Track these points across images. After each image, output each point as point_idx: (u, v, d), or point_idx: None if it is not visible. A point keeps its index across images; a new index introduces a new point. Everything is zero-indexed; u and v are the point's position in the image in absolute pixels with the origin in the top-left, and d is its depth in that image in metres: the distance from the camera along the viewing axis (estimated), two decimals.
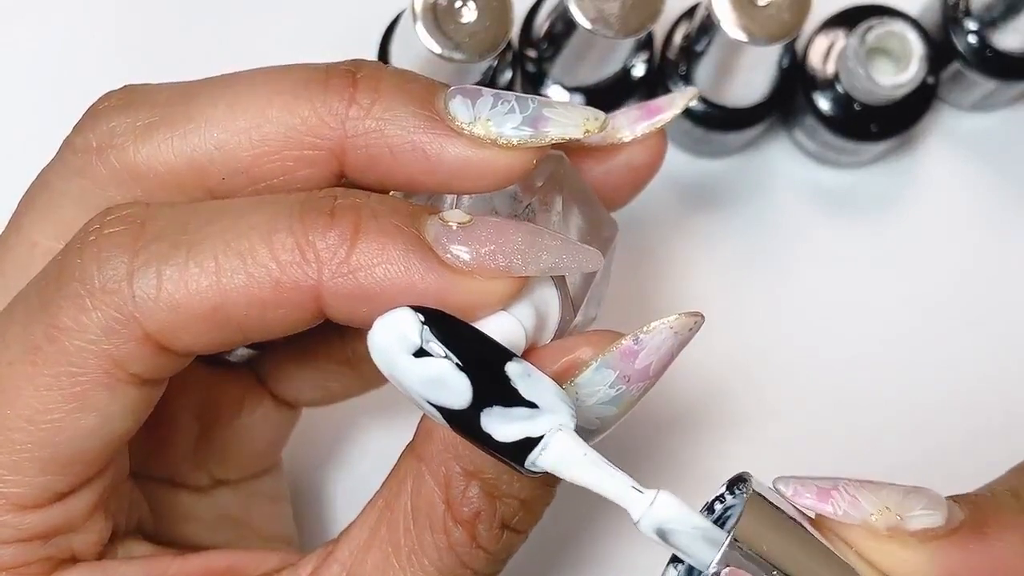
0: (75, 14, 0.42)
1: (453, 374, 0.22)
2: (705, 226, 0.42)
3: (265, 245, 0.24)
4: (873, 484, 0.24)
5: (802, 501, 0.24)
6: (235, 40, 0.41)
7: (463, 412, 0.22)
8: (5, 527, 0.26)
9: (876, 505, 0.24)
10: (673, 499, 0.23)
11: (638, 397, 0.25)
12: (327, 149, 0.26)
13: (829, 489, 0.24)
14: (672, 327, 0.25)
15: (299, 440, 0.35)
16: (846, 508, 0.24)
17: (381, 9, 0.39)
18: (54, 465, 0.25)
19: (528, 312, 0.25)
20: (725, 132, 0.40)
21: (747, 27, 0.36)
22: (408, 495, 0.26)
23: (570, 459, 0.23)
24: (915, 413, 0.41)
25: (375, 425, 0.40)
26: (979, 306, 0.42)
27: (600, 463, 0.23)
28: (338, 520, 0.39)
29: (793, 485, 0.24)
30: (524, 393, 0.23)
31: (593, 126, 0.26)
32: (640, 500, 0.23)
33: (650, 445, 0.40)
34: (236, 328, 0.25)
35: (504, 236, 0.24)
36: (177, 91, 0.27)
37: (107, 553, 0.28)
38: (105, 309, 0.24)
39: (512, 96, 0.26)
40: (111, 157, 0.26)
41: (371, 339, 0.22)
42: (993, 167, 0.43)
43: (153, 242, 0.24)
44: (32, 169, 0.28)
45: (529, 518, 0.26)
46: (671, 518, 0.23)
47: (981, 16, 0.40)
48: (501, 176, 0.26)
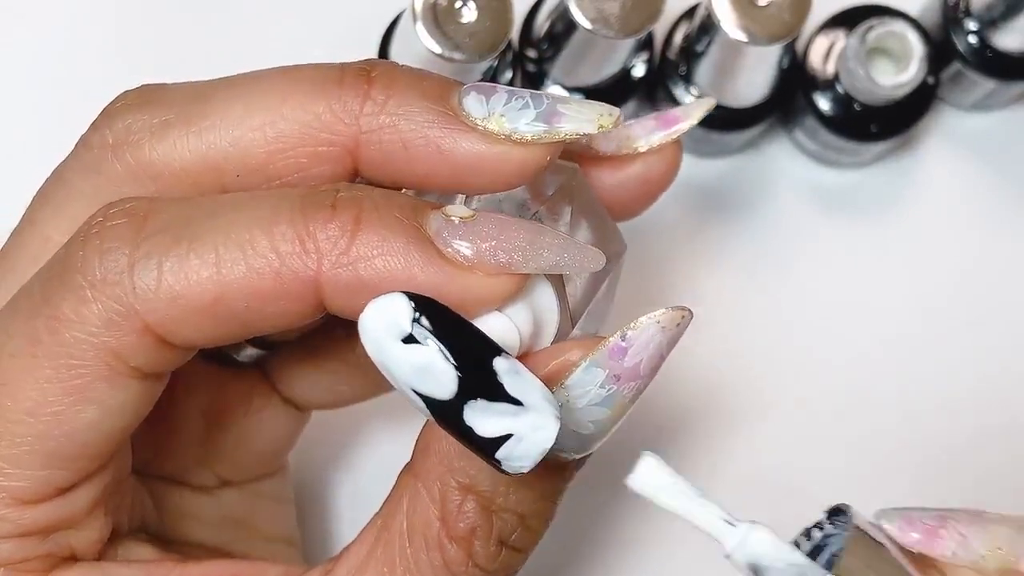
0: (75, 14, 0.42)
1: (440, 363, 0.22)
2: (705, 226, 0.42)
3: (266, 236, 0.24)
4: (984, 519, 0.23)
5: (908, 540, 0.23)
6: (235, 40, 0.41)
7: (447, 403, 0.22)
8: (4, 521, 0.25)
9: (988, 545, 0.23)
10: (768, 534, 0.23)
11: (631, 399, 0.25)
12: (341, 146, 0.26)
13: (936, 527, 0.23)
14: (659, 322, 0.24)
15: (305, 443, 0.35)
16: (955, 549, 0.23)
17: (381, 9, 0.39)
18: (55, 459, 0.25)
19: (525, 317, 0.25)
20: (725, 132, 0.40)
21: (747, 27, 0.36)
22: (404, 514, 0.26)
23: (659, 484, 0.23)
24: (915, 413, 0.41)
25: (382, 430, 0.40)
26: (979, 306, 0.42)
27: (689, 493, 0.23)
28: (342, 523, 0.39)
29: (898, 522, 0.23)
30: (510, 389, 0.23)
31: (607, 122, 0.26)
32: (733, 533, 0.23)
33: (651, 444, 0.40)
34: (237, 321, 0.25)
35: (506, 232, 0.24)
36: (193, 90, 0.27)
37: (107, 553, 0.28)
38: (106, 301, 0.24)
39: (526, 92, 0.26)
40: (127, 155, 0.26)
41: (362, 322, 0.22)
42: (993, 167, 0.43)
43: (155, 234, 0.24)
44: (32, 167, 0.28)
45: (528, 535, 0.26)
46: (766, 554, 0.23)
47: (981, 16, 0.40)
48: (515, 172, 0.26)
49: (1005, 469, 0.40)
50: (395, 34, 0.39)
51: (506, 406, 0.23)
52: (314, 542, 0.39)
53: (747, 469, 0.40)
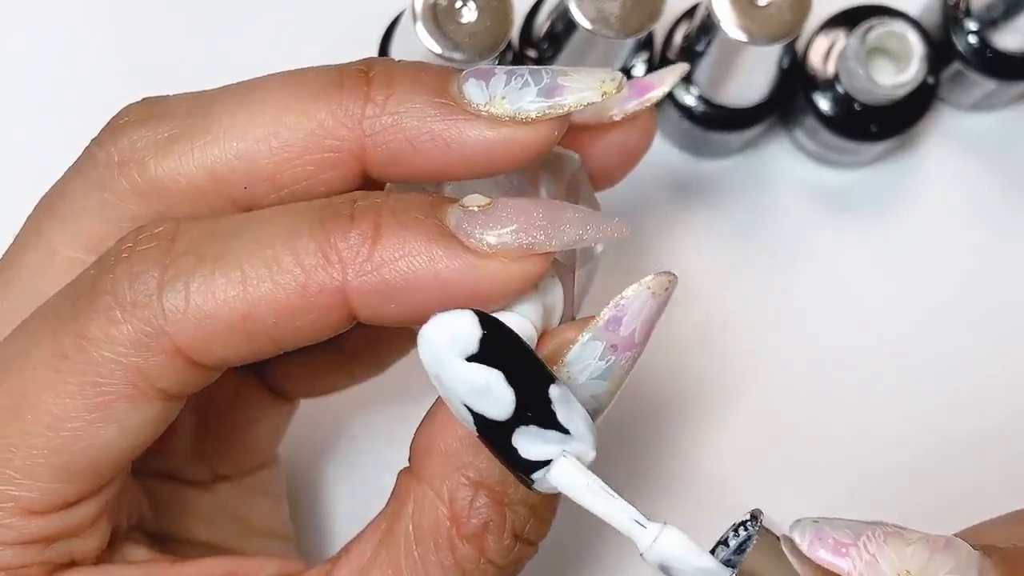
0: (75, 14, 0.42)
1: (501, 386, 0.22)
2: (705, 226, 0.42)
3: (289, 251, 0.24)
4: (901, 538, 0.23)
5: (815, 556, 0.23)
6: (235, 40, 0.41)
7: (499, 423, 0.23)
8: (10, 529, 0.26)
9: (896, 567, 0.22)
10: (678, 536, 0.23)
11: (627, 368, 0.25)
12: (347, 151, 0.26)
13: (848, 544, 0.23)
14: (650, 287, 0.25)
15: (297, 438, 0.35)
16: (862, 569, 0.22)
17: (381, 9, 0.39)
18: (67, 473, 0.25)
19: (537, 312, 0.25)
20: (725, 132, 0.40)
21: (747, 27, 0.36)
22: (409, 516, 0.26)
23: (575, 484, 0.23)
24: (915, 412, 0.41)
25: (373, 421, 0.40)
26: (979, 306, 0.42)
27: (601, 492, 0.23)
28: (336, 516, 0.39)
29: (810, 535, 0.23)
30: (561, 418, 0.23)
31: (610, 87, 0.25)
32: (645, 534, 0.23)
33: (649, 444, 0.40)
34: (266, 337, 0.25)
35: (525, 214, 0.24)
36: (195, 102, 0.27)
37: (105, 555, 0.28)
38: (135, 322, 0.24)
39: (526, 70, 0.26)
40: (133, 172, 0.26)
41: (425, 335, 0.22)
42: (993, 167, 0.43)
43: (181, 256, 0.25)
44: (33, 168, 0.28)
45: (540, 526, 0.26)
46: (675, 556, 0.23)
47: (981, 16, 0.40)
48: (525, 152, 0.25)
49: (1004, 468, 0.40)
50: (395, 34, 0.39)
51: (555, 433, 0.23)
52: (309, 539, 0.39)
53: (746, 467, 0.40)
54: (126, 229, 0.26)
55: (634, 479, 0.40)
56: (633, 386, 0.40)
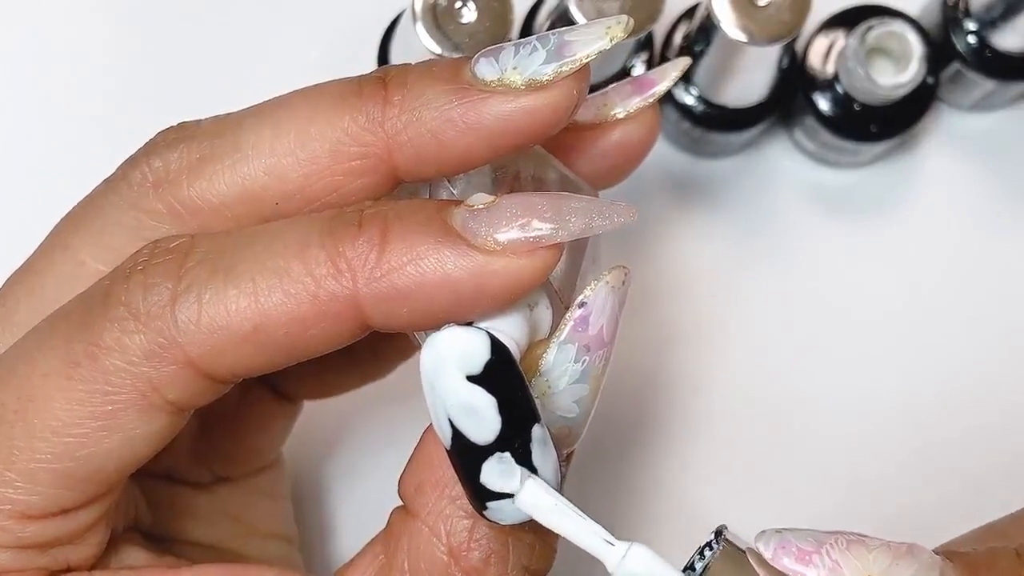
0: (75, 14, 0.42)
1: (491, 413, 0.23)
2: (705, 226, 0.42)
3: (299, 261, 0.24)
4: (863, 545, 0.23)
5: (780, 565, 0.23)
6: (235, 40, 0.41)
7: (477, 447, 0.23)
8: (6, 532, 0.26)
9: (859, 572, 0.23)
10: (645, 553, 0.23)
11: (603, 369, 0.25)
12: (374, 155, 0.26)
13: (811, 552, 0.23)
14: (608, 282, 0.25)
15: (301, 441, 0.35)
16: (826, 575, 0.23)
17: (381, 9, 0.39)
18: (68, 479, 0.25)
19: (523, 331, 0.25)
20: (725, 132, 0.40)
21: (747, 27, 0.36)
22: (405, 554, 0.26)
23: (543, 506, 0.23)
24: (914, 412, 0.41)
25: (375, 422, 0.40)
26: (979, 306, 0.42)
27: (569, 512, 0.23)
28: (339, 520, 0.39)
29: (774, 545, 0.23)
30: (535, 458, 0.23)
31: (617, 31, 0.25)
32: (613, 552, 0.23)
33: (648, 444, 0.40)
34: (278, 348, 0.25)
35: (530, 207, 0.24)
36: (224, 123, 0.27)
37: (102, 560, 0.28)
38: (148, 333, 0.24)
39: (532, 38, 0.26)
40: (167, 194, 0.26)
41: (434, 342, 0.22)
42: (993, 167, 0.43)
43: (194, 268, 0.25)
44: (33, 169, 0.28)
45: (546, 553, 0.26)
46: (643, 573, 0.23)
47: (981, 16, 0.40)
48: (550, 118, 0.25)
49: (1003, 468, 0.40)
50: (395, 34, 0.39)
51: (524, 470, 0.23)
52: (312, 540, 0.39)
53: (746, 468, 0.40)
54: None
55: (638, 474, 0.40)
56: (632, 385, 0.40)
